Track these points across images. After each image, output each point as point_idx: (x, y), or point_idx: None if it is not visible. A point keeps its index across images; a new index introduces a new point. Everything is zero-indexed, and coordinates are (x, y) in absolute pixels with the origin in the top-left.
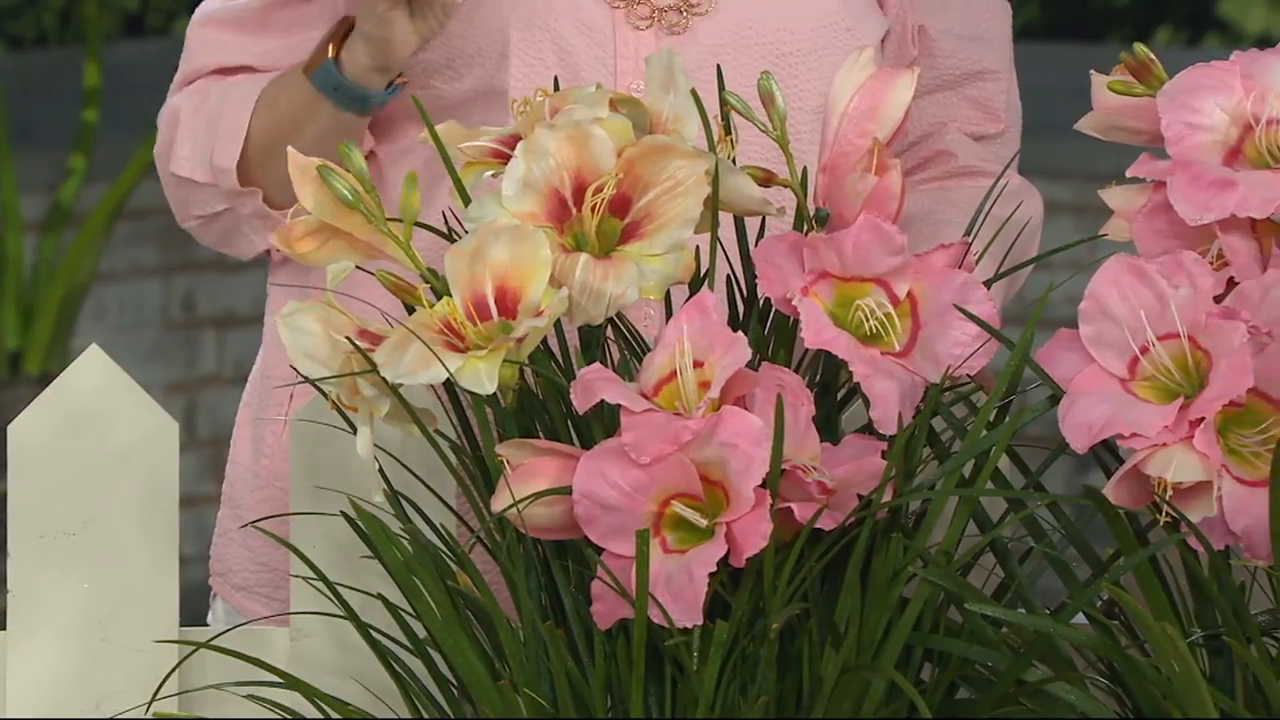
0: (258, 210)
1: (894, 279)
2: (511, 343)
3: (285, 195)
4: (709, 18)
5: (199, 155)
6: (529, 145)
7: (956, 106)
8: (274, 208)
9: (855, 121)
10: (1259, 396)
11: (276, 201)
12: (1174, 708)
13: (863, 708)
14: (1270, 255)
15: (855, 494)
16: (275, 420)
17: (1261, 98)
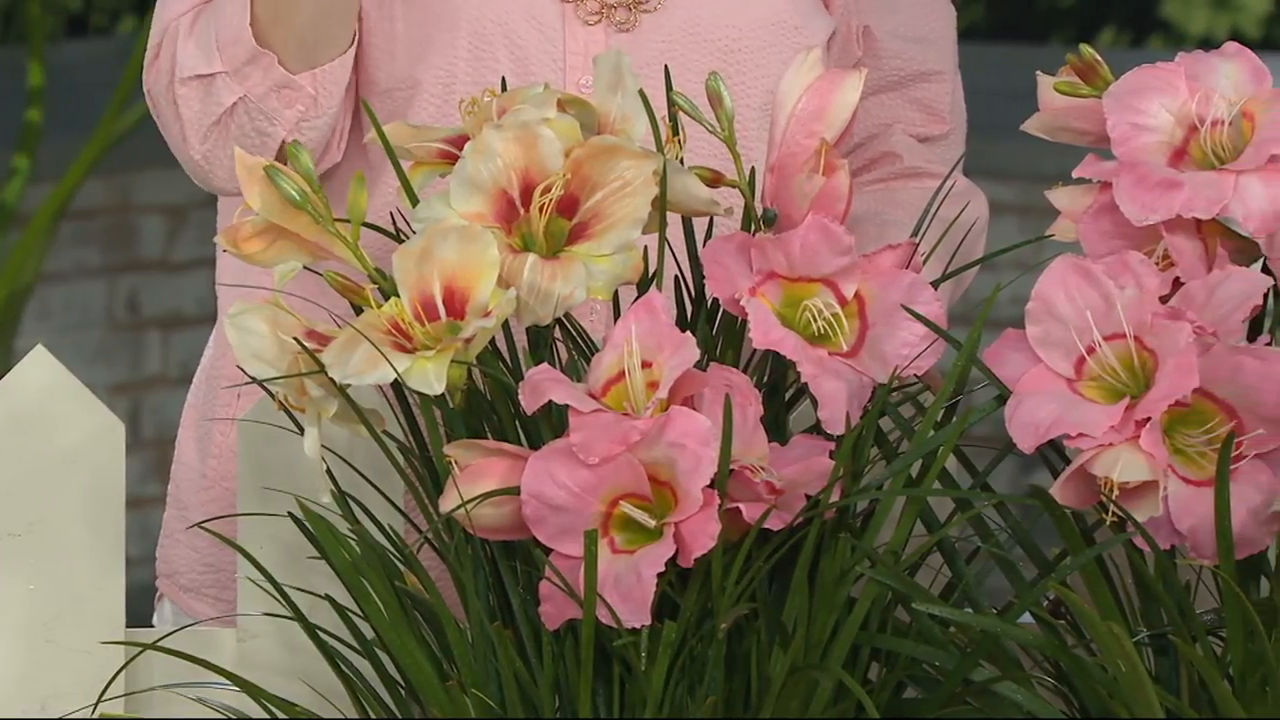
0: (277, 81)
1: (841, 279)
2: (459, 343)
3: (302, 53)
4: (657, 14)
5: (206, 45)
6: (477, 146)
7: (901, 108)
8: (291, 72)
9: (803, 122)
10: (1204, 397)
11: (292, 63)
12: (1120, 707)
13: (810, 707)
14: (1215, 256)
15: (803, 494)
16: (223, 421)
17: (1206, 99)
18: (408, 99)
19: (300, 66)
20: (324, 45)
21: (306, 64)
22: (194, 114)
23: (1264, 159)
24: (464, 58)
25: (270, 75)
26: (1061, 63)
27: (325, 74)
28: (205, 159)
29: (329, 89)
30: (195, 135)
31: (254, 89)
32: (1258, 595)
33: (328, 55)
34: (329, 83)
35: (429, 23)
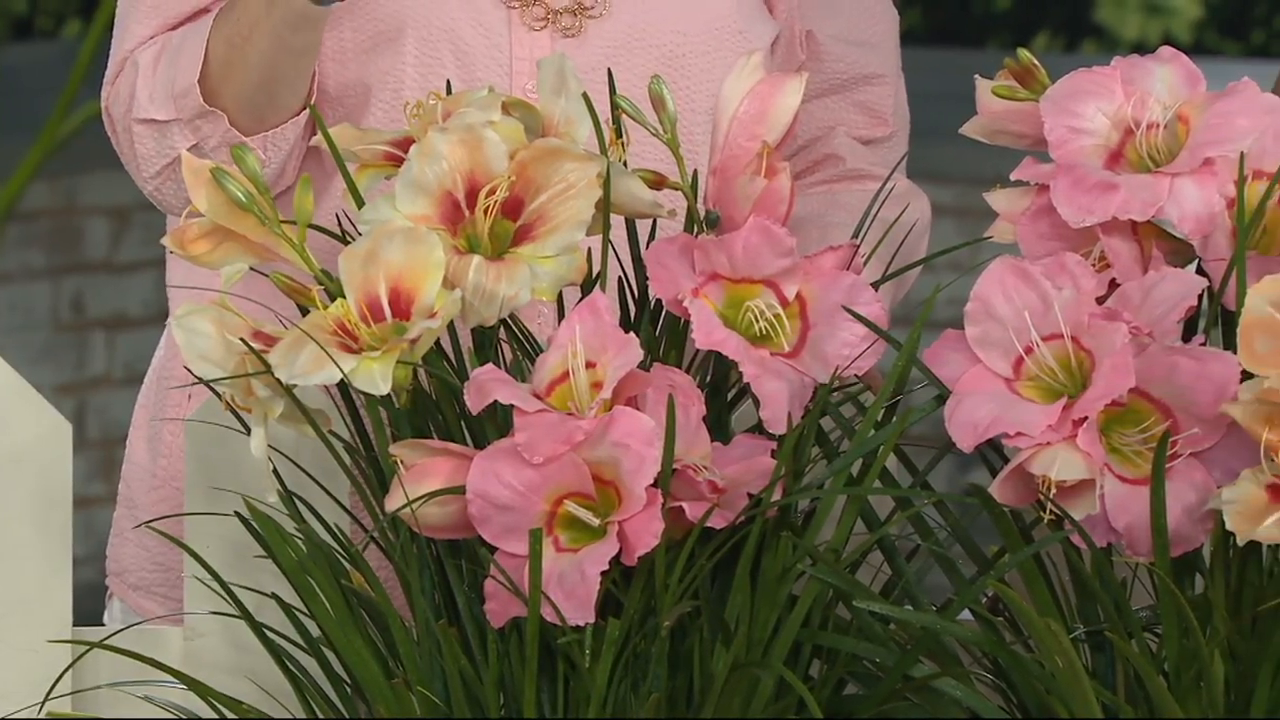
0: (226, 137)
1: (783, 280)
2: (405, 344)
3: (251, 116)
4: (603, 20)
5: (162, 91)
6: (422, 148)
7: (844, 111)
8: (243, 132)
9: (745, 125)
10: (1140, 396)
11: (244, 124)
12: (1057, 702)
13: (752, 704)
14: (1151, 257)
15: (745, 493)
16: (172, 421)
17: (1142, 102)
18: (357, 105)
19: (251, 126)
20: (274, 110)
21: (256, 125)
22: (148, 152)
23: (1198, 162)
24: (411, 64)
25: (221, 131)
26: (998, 67)
27: (276, 135)
28: (157, 190)
29: (278, 146)
30: (148, 170)
31: (206, 140)
32: (1192, 592)
33: (277, 119)
34: (279, 141)
35: (376, 31)
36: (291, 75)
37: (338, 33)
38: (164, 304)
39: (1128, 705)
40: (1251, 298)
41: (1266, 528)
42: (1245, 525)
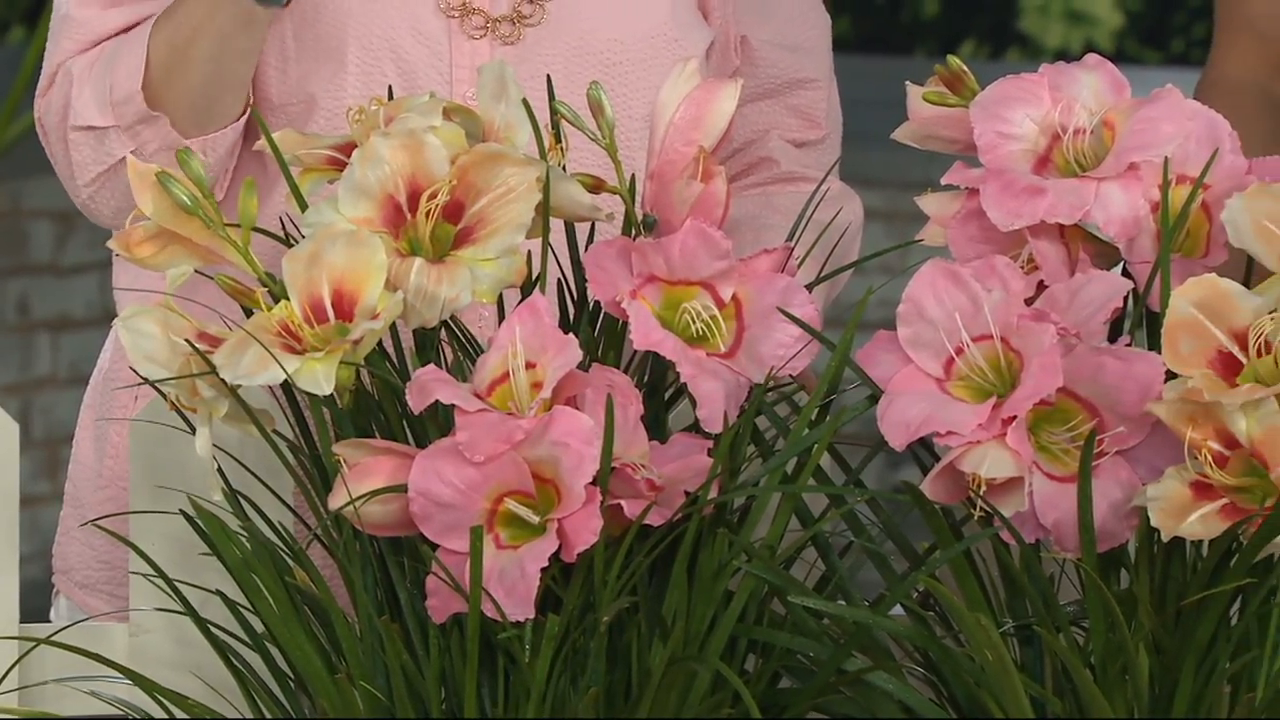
0: (166, 141)
1: (719, 282)
2: (348, 345)
3: (192, 120)
4: (541, 28)
5: (99, 98)
6: (364, 153)
7: (778, 114)
8: (184, 135)
9: (681, 130)
10: (1068, 395)
11: (184, 127)
12: (987, 695)
13: (689, 698)
14: (1078, 260)
15: (682, 491)
16: (119, 421)
17: (1069, 108)
18: (300, 114)
19: (193, 130)
20: (216, 113)
21: (198, 129)
22: (84, 159)
23: (1124, 166)
24: (353, 73)
25: (161, 135)
26: (925, 74)
27: (216, 138)
28: (92, 199)
29: (217, 150)
30: (83, 178)
31: (145, 146)
32: (1118, 587)
33: (218, 123)
34: (218, 145)
35: (318, 40)
36: (234, 79)
37: (280, 42)
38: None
39: (1055, 698)
40: (1175, 300)
41: (1190, 524)
42: (1169, 522)
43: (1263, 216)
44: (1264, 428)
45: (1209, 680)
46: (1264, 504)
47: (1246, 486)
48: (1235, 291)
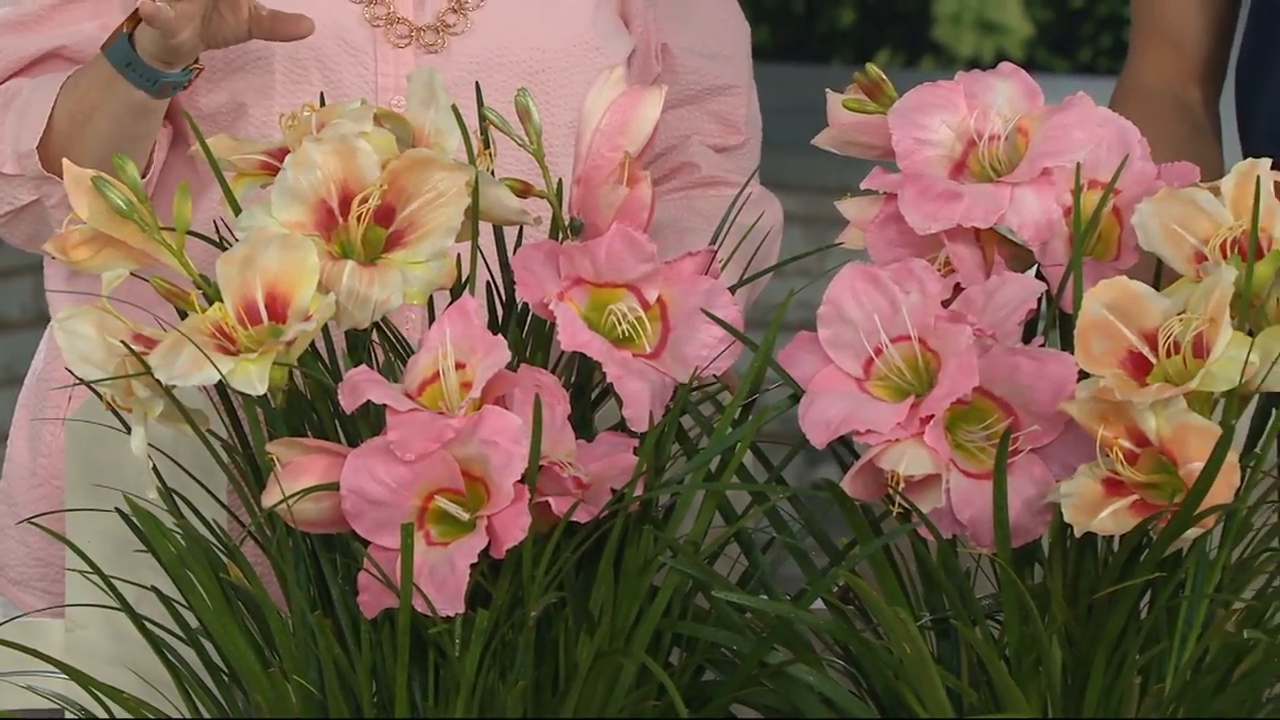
0: (63, 199)
1: (644, 285)
2: (281, 346)
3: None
4: (465, 37)
5: (8, 146)
6: (297, 158)
7: (699, 120)
8: None
9: (607, 136)
10: (984, 395)
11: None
12: (905, 687)
13: (615, 691)
14: (993, 263)
15: (608, 488)
16: (53, 421)
17: (984, 115)
18: (230, 122)
19: None
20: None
21: None
22: None
23: (1037, 172)
24: (280, 82)
25: (60, 194)
26: (842, 82)
27: None
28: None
29: None
30: None
31: (47, 198)
32: (1032, 581)
33: None
34: None
35: (247, 50)
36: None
37: (208, 54)
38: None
39: (971, 689)
40: (1088, 301)
41: (1101, 520)
42: (1082, 517)
43: (1171, 220)
44: (1173, 426)
45: (1120, 672)
46: (1173, 500)
47: (1156, 483)
48: (1145, 293)
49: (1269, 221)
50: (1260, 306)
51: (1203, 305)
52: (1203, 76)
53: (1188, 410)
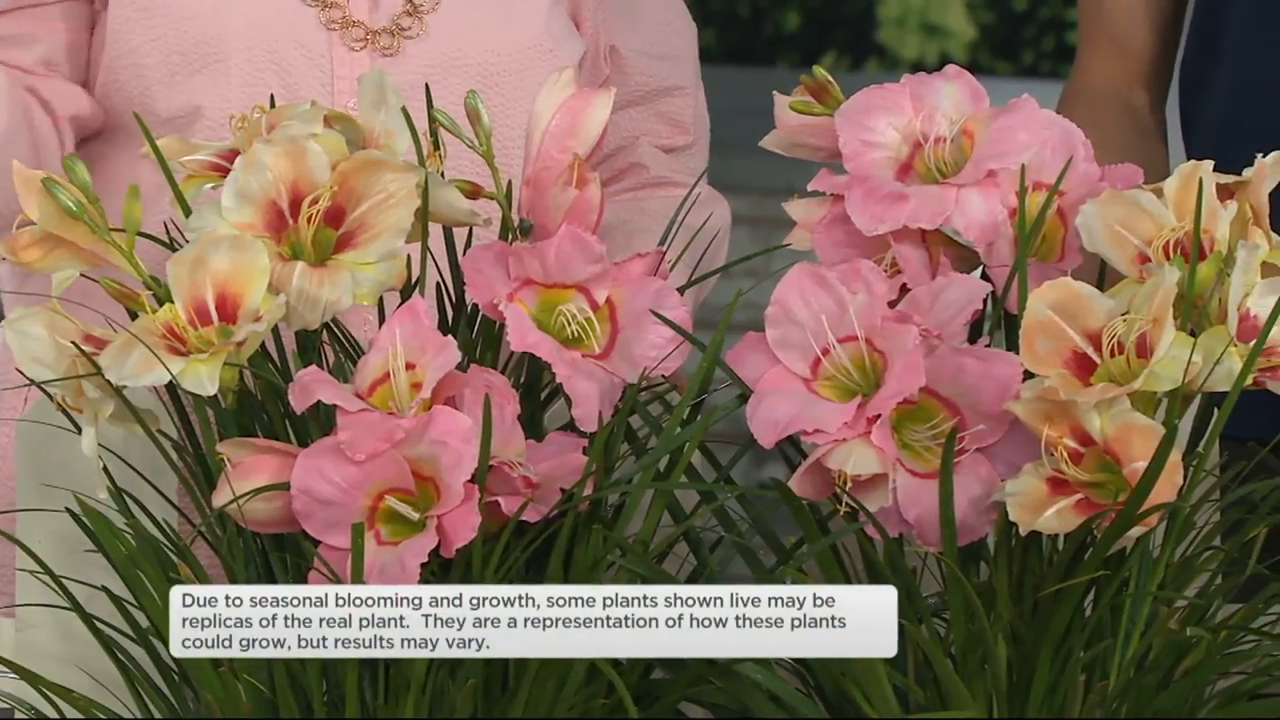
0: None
1: (594, 286)
2: (232, 346)
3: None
4: (420, 40)
5: None
6: (247, 159)
7: (647, 121)
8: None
9: (556, 138)
10: (930, 395)
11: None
12: (852, 684)
13: (564, 689)
14: (939, 263)
15: (558, 488)
16: (6, 422)
17: (930, 117)
18: (185, 126)
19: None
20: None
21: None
22: None
23: (982, 173)
24: (237, 85)
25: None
26: (788, 85)
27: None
28: None
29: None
30: None
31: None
32: (978, 579)
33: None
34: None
35: (203, 55)
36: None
37: (165, 57)
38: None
39: (917, 687)
40: (1032, 302)
41: (1046, 518)
42: (1027, 516)
43: (1115, 222)
44: (1117, 426)
45: (1064, 669)
46: (1117, 499)
47: (1100, 482)
48: (1089, 294)
49: (1211, 223)
50: (1203, 307)
51: (1146, 306)
52: (1148, 79)
53: (1131, 410)
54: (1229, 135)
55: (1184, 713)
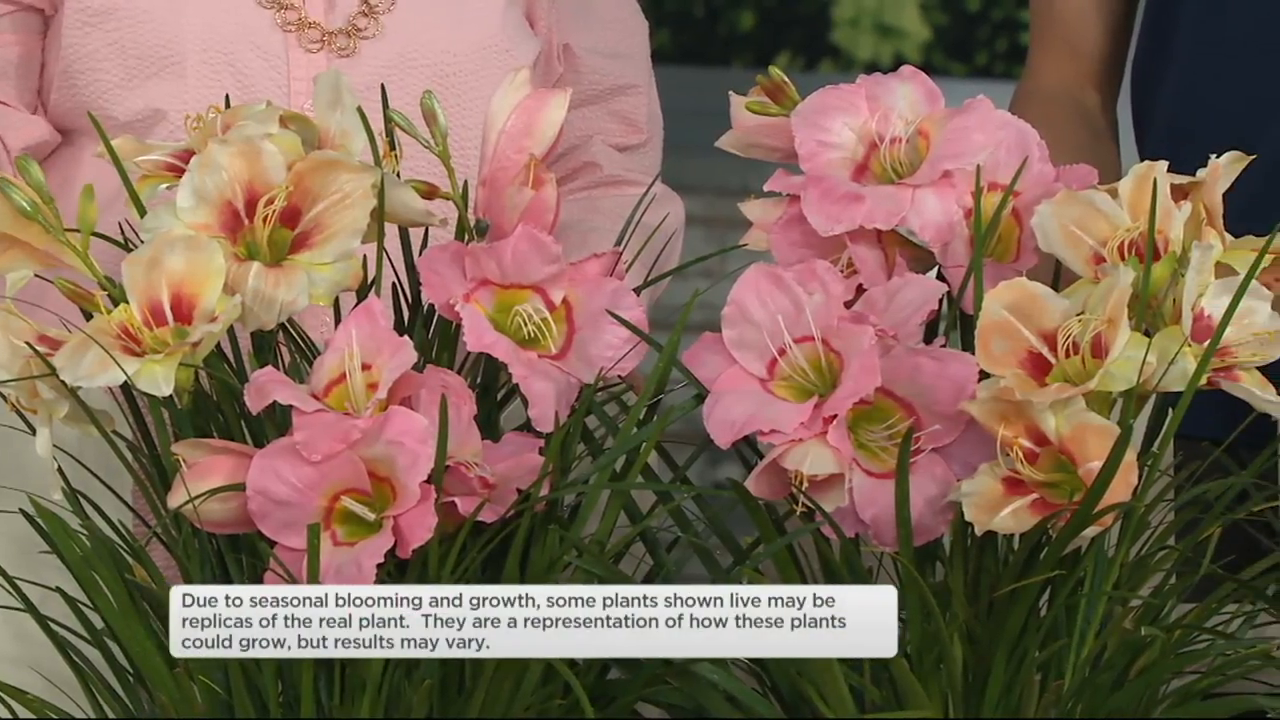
0: None
1: (550, 286)
2: (187, 347)
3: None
4: (376, 41)
5: None
6: (203, 159)
7: (600, 120)
8: None
9: (512, 138)
10: (886, 395)
11: None
12: (808, 684)
13: (521, 689)
14: (895, 264)
15: (514, 488)
16: None
17: (885, 118)
18: (146, 129)
19: None
20: None
21: None
22: None
23: (938, 174)
24: (193, 88)
25: None
26: (742, 85)
27: None
28: None
29: None
30: None
31: None
32: (933, 579)
33: None
34: None
35: (159, 59)
36: None
37: (121, 61)
38: None
39: (873, 687)
40: (988, 302)
41: (1002, 518)
42: (982, 516)
43: (1070, 222)
44: (1072, 426)
45: (1019, 668)
46: (1072, 499)
47: (1055, 482)
48: (1044, 294)
49: (1165, 223)
50: (1157, 307)
51: (1101, 306)
52: (1100, 79)
53: (1086, 410)
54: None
55: (1138, 712)
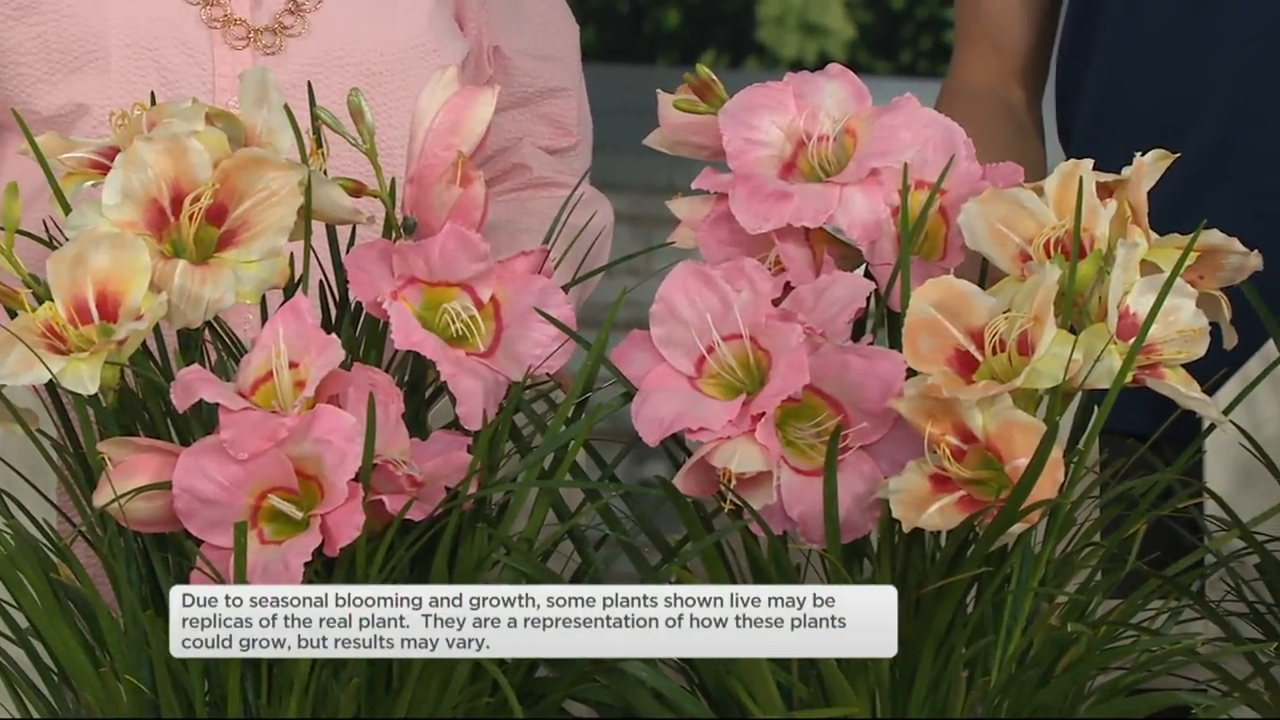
0: None
1: (478, 284)
2: (112, 345)
3: None
4: (302, 39)
5: None
6: (128, 157)
7: (530, 122)
8: None
9: (440, 136)
10: (814, 393)
11: None
12: (736, 681)
13: (449, 687)
14: (822, 262)
15: (443, 486)
16: None
17: (813, 116)
18: (69, 123)
19: None
20: None
21: None
22: None
23: (865, 172)
24: (117, 83)
25: None
26: (668, 82)
27: None
28: None
29: None
30: None
31: None
32: (861, 576)
33: None
34: None
35: (83, 53)
36: None
37: (45, 55)
38: None
39: (801, 684)
40: (915, 300)
41: (929, 515)
42: (910, 513)
43: (996, 220)
44: (999, 423)
45: (946, 665)
46: (998, 496)
47: (983, 479)
48: (971, 292)
49: (1091, 221)
50: (1083, 305)
51: (1027, 304)
52: (1025, 77)
53: (1013, 407)
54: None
55: (1064, 708)
